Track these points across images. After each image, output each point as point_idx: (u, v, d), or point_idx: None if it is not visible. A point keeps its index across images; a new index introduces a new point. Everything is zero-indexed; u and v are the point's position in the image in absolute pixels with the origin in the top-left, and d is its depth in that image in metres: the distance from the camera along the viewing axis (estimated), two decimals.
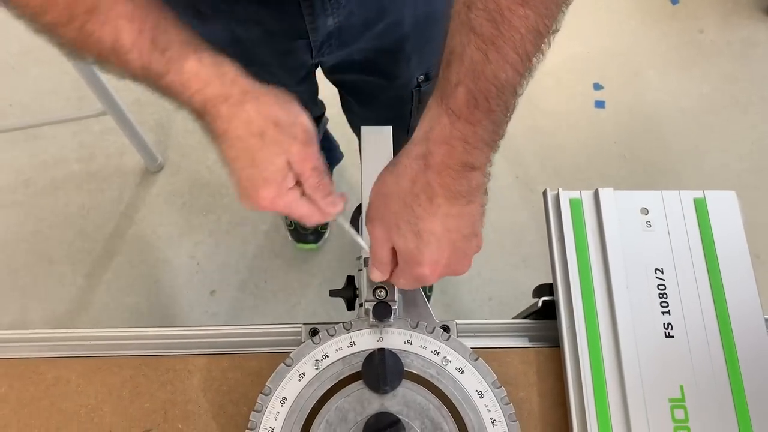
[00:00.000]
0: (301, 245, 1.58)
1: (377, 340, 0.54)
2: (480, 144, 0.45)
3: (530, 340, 0.60)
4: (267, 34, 0.75)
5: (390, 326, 0.55)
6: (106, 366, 0.57)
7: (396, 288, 0.55)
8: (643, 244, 0.60)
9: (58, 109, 1.73)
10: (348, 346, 0.54)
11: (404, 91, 0.89)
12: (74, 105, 1.76)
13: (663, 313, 0.57)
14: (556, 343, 0.58)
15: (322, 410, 0.52)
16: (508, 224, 1.58)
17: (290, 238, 1.59)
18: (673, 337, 0.57)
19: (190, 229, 1.63)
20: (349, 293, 0.60)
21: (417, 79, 0.87)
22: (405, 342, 0.54)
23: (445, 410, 0.52)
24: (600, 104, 1.75)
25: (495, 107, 0.44)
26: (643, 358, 0.55)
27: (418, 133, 0.47)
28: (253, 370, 0.56)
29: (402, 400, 0.52)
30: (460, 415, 0.52)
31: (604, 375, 0.55)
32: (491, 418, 0.52)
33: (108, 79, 1.41)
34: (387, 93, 0.91)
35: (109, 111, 1.44)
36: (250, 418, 0.51)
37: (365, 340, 0.54)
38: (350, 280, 0.61)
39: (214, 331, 0.60)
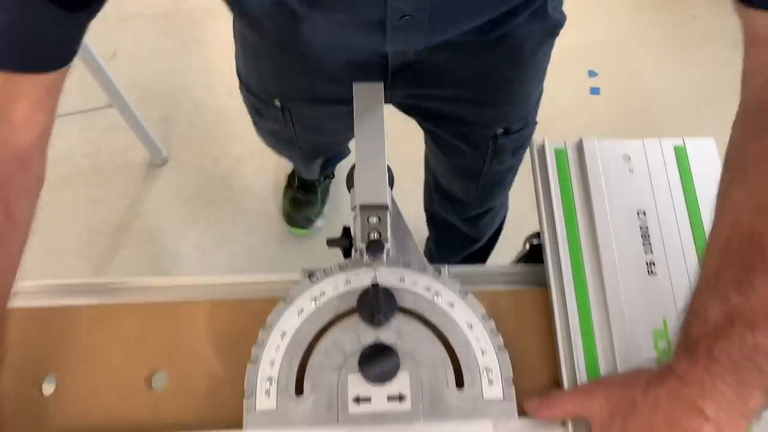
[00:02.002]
0: (294, 229, 1.63)
1: (371, 278, 0.57)
2: (719, 397, 0.44)
3: (519, 284, 0.63)
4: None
5: (383, 265, 0.57)
6: (114, 312, 0.60)
7: (389, 229, 0.58)
8: (625, 188, 0.62)
9: (65, 102, 1.77)
10: (344, 284, 0.57)
11: (480, 140, 0.88)
12: (81, 99, 1.79)
13: (646, 252, 0.60)
14: (544, 285, 0.61)
15: (320, 343, 0.55)
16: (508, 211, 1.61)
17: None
18: (655, 274, 0.59)
19: (195, 220, 1.67)
20: (345, 242, 0.63)
21: (496, 131, 0.86)
22: (398, 279, 0.57)
23: (436, 340, 0.55)
24: (595, 91, 1.78)
25: (741, 367, 0.43)
26: (626, 294, 0.58)
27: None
28: (255, 312, 0.58)
29: (395, 332, 0.55)
30: (451, 345, 0.55)
31: (589, 310, 0.57)
32: (481, 349, 0.55)
33: (113, 74, 1.45)
34: (462, 141, 0.90)
35: (115, 104, 1.47)
36: (252, 352, 0.54)
37: (360, 278, 0.57)
38: (346, 230, 0.64)
39: (218, 281, 0.63)
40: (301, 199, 1.60)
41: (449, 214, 1.15)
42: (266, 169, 1.71)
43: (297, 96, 0.82)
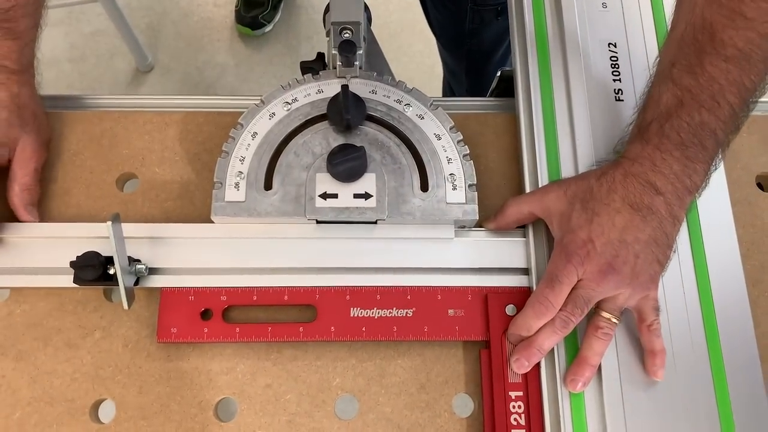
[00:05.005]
0: (240, 27, 1.71)
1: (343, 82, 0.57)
2: (667, 171, 0.47)
3: (490, 110, 0.64)
4: None
5: (356, 77, 0.58)
6: (87, 118, 0.60)
7: (362, 41, 0.58)
8: (598, 21, 0.63)
9: None
10: (316, 93, 0.58)
11: None
12: None
13: (614, 80, 0.61)
14: (513, 111, 0.62)
15: (290, 144, 0.56)
16: None
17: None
18: (622, 101, 0.60)
19: None
20: (319, 66, 0.63)
21: None
22: (370, 92, 0.58)
23: (404, 147, 0.56)
24: None
25: (688, 142, 0.47)
26: (594, 116, 0.59)
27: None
28: (227, 124, 0.59)
29: (365, 138, 0.56)
30: (418, 153, 0.56)
31: (556, 132, 0.59)
32: (447, 157, 0.56)
33: None
34: None
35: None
36: (223, 149, 0.55)
37: (332, 88, 0.58)
38: (320, 54, 0.64)
39: (189, 101, 0.63)
40: (253, 0, 1.69)
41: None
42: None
43: None
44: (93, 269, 0.51)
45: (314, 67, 0.63)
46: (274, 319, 0.54)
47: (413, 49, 1.72)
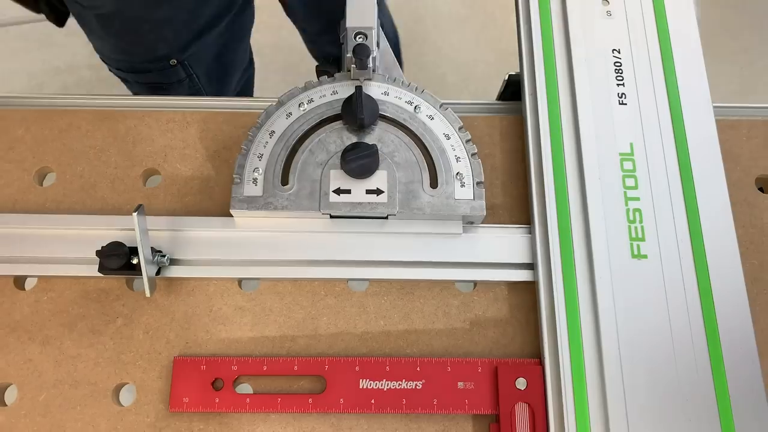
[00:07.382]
0: None
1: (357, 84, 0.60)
2: None
3: (496, 113, 0.66)
4: None
5: (369, 80, 0.61)
6: (112, 116, 0.63)
7: (374, 45, 0.61)
8: (603, 28, 0.65)
9: None
10: (331, 94, 0.60)
11: None
12: None
13: (618, 84, 0.63)
14: (519, 114, 0.64)
15: (306, 142, 0.58)
16: None
17: None
18: (626, 104, 0.62)
19: None
20: (335, 69, 0.66)
21: None
22: (382, 93, 0.60)
23: (415, 146, 0.58)
24: None
25: None
26: (597, 118, 0.61)
27: None
28: (245, 124, 0.62)
29: (377, 138, 0.58)
30: (428, 151, 0.58)
31: (561, 132, 0.61)
32: (456, 156, 0.58)
33: None
34: None
35: None
36: (242, 146, 0.58)
37: (347, 89, 0.60)
38: (335, 59, 0.67)
39: (210, 102, 0.66)
40: None
41: None
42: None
43: None
44: (118, 258, 0.54)
45: (329, 70, 0.65)
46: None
47: (423, 59, 1.75)
